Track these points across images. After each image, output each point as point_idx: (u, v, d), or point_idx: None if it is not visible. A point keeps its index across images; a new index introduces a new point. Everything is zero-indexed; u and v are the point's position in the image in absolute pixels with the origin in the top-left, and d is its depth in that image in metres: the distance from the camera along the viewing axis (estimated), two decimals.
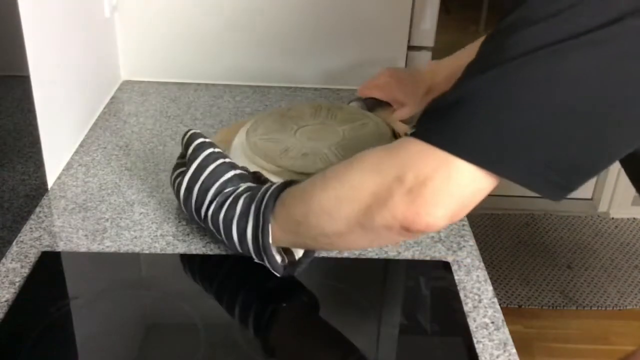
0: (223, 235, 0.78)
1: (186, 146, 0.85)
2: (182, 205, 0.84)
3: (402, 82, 1.19)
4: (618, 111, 0.59)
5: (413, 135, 0.63)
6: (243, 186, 0.79)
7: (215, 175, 0.80)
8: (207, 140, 0.84)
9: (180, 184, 0.83)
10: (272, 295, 0.79)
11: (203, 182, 0.80)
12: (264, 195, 0.74)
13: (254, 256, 0.76)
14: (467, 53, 1.11)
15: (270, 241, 0.73)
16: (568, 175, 0.61)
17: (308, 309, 0.79)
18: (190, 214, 0.84)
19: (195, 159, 0.82)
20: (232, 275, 0.83)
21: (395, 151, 0.64)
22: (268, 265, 0.75)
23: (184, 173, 0.83)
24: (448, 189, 0.60)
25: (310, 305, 0.80)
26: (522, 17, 0.59)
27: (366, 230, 0.66)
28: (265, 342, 0.73)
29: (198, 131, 0.85)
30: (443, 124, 0.61)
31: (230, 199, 0.77)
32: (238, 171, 0.81)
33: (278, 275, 0.76)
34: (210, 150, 0.82)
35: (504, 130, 0.59)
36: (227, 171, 0.80)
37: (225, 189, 0.79)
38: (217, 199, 0.78)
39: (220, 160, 0.82)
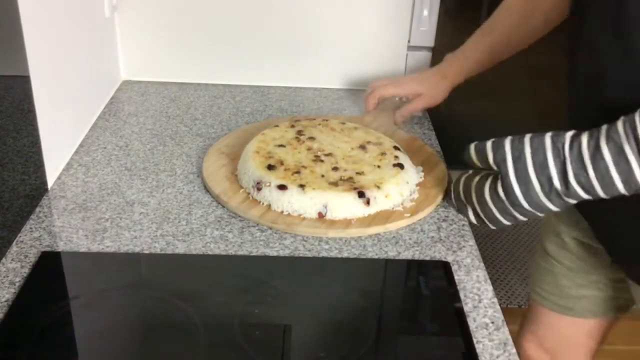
0: (599, 189, 0.72)
1: (480, 157, 0.81)
2: (523, 202, 0.78)
3: (413, 74, 1.18)
4: None
5: None
6: (577, 135, 0.74)
7: (539, 148, 0.75)
8: (493, 139, 0.80)
9: (508, 185, 0.78)
10: (272, 295, 0.79)
11: (533, 162, 0.75)
12: (633, 126, 0.69)
13: None
14: (473, 47, 1.12)
15: None
16: None
17: (308, 308, 0.79)
18: (535, 204, 0.77)
19: (504, 154, 0.78)
20: (232, 275, 0.83)
21: None
22: None
23: (496, 174, 0.79)
24: None
25: (310, 305, 0.80)
26: None
27: None
28: (264, 342, 0.73)
29: (477, 142, 0.82)
30: None
31: (585, 152, 0.72)
32: (551, 133, 0.76)
33: None
34: (509, 138, 0.78)
35: None
36: (544, 138, 0.75)
37: (563, 150, 0.74)
38: (568, 164, 0.73)
39: (528, 137, 0.77)
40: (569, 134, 0.75)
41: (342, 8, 1.32)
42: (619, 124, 0.71)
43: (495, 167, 0.80)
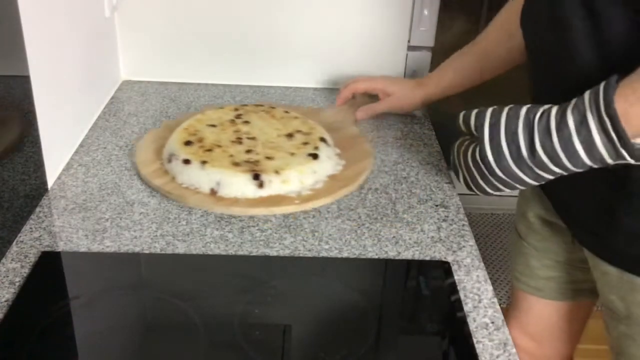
0: (565, 158, 0.73)
1: (466, 123, 0.83)
2: (496, 169, 0.79)
3: (392, 77, 1.21)
4: None
5: None
6: (550, 107, 0.75)
7: (513, 117, 0.77)
8: (482, 108, 0.82)
9: (482, 150, 0.80)
10: (272, 295, 0.79)
11: (506, 129, 0.77)
12: (596, 95, 0.70)
13: (609, 160, 0.72)
14: (452, 63, 1.14)
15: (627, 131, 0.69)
16: None
17: (308, 308, 0.79)
18: (508, 172, 0.79)
19: (484, 120, 0.80)
20: (232, 275, 0.83)
21: None
22: (630, 159, 0.71)
23: (477, 141, 0.81)
24: None
25: (310, 305, 0.80)
26: None
27: None
28: (264, 342, 0.73)
29: (466, 111, 0.84)
30: None
31: (552, 121, 0.73)
32: (529, 105, 0.78)
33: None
34: (492, 108, 0.80)
35: None
36: (520, 109, 0.77)
37: (533, 120, 0.75)
38: (535, 132, 0.74)
39: (508, 107, 0.79)
40: (543, 106, 0.76)
41: (343, 8, 1.32)
42: (586, 94, 0.72)
43: (475, 133, 0.82)
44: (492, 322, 0.76)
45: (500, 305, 0.79)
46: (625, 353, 0.90)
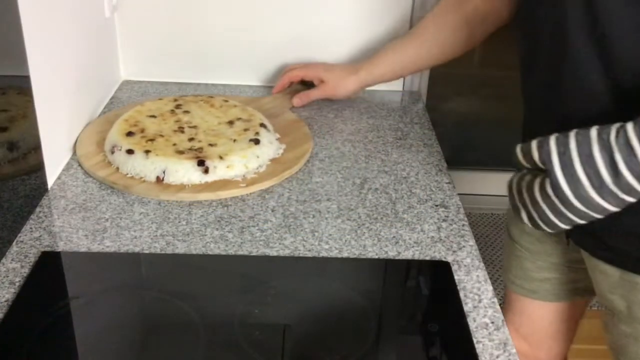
0: None
1: (527, 156, 0.77)
2: (573, 199, 0.73)
3: (327, 63, 1.25)
4: None
5: None
6: (622, 123, 0.69)
7: (583, 141, 0.71)
8: (541, 138, 0.76)
9: (555, 182, 0.73)
10: (272, 295, 0.79)
11: (579, 155, 0.71)
12: None
13: None
14: (390, 50, 1.16)
15: None
16: None
17: (307, 308, 0.79)
18: (586, 201, 0.72)
19: (549, 149, 0.74)
20: (232, 275, 0.83)
21: None
22: None
23: (545, 173, 0.75)
24: None
25: (310, 305, 0.80)
26: None
27: None
28: (264, 342, 0.73)
29: (523, 144, 0.79)
30: None
31: (633, 135, 0.67)
32: (597, 126, 0.72)
33: None
34: (554, 136, 0.74)
35: None
36: (589, 131, 0.71)
37: (608, 139, 0.69)
38: (615, 151, 0.69)
39: (573, 132, 0.73)
40: (615, 125, 0.71)
41: (343, 8, 1.32)
42: None
43: (541, 165, 0.76)
44: (492, 322, 0.76)
45: (500, 305, 0.79)
46: (627, 352, 0.90)
